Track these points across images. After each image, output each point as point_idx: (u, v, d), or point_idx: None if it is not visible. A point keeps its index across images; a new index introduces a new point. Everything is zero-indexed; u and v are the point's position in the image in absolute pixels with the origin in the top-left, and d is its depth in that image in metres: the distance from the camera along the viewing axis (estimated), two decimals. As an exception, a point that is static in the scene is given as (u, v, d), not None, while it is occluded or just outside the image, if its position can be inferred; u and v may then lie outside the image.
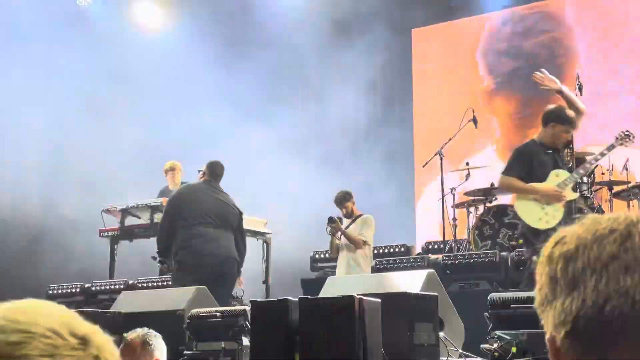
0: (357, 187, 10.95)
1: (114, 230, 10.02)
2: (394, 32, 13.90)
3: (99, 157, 12.97)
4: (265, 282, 10.18)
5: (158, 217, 9.88)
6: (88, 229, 13.02)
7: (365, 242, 9.50)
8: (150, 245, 10.79)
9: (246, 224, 10.09)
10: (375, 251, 10.07)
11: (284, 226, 11.77)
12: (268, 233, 10.39)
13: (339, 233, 9.59)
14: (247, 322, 6.70)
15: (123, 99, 13.44)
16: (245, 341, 6.63)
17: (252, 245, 10.65)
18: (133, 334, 4.83)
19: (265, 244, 10.34)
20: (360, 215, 9.75)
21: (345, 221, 9.82)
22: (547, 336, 1.14)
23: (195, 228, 8.25)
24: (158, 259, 8.42)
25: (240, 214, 8.79)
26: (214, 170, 8.68)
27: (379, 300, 5.86)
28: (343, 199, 9.78)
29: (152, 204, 9.81)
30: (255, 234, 10.27)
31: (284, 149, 12.44)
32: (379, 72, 13.88)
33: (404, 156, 13.62)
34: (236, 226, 8.56)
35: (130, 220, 10.04)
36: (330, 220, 9.57)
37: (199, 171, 8.83)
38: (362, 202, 10.31)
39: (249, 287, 10.08)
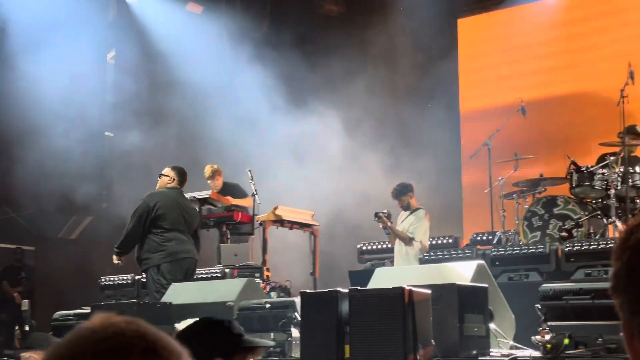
0: (404, 178, 10.92)
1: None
2: (441, 22, 13.81)
3: (150, 152, 13.12)
4: (313, 273, 10.21)
5: (206, 209, 9.96)
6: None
7: (412, 239, 9.49)
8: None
9: (293, 216, 10.15)
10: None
11: (330, 218, 11.79)
12: (315, 225, 10.41)
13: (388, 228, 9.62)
14: (295, 314, 6.73)
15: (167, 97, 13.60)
16: (294, 332, 6.66)
17: (300, 238, 10.69)
18: (185, 325, 4.86)
19: (312, 236, 10.36)
20: (417, 209, 9.74)
21: (403, 214, 9.82)
22: (622, 321, 1.13)
23: (171, 233, 8.43)
24: (116, 251, 8.54)
25: (201, 216, 9.19)
26: (183, 177, 8.80)
27: (429, 291, 5.85)
28: (399, 192, 9.77)
29: (199, 197, 9.88)
30: (302, 226, 10.29)
31: (332, 140, 12.44)
32: (424, 62, 13.81)
33: (451, 147, 13.53)
34: (195, 229, 8.80)
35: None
36: (376, 215, 9.61)
37: (162, 175, 8.78)
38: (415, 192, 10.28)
39: (296, 278, 10.12)
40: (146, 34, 14.07)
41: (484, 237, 10.37)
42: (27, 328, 8.17)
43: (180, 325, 4.85)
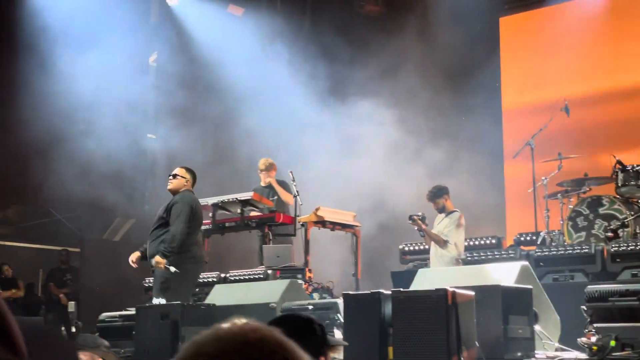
0: (445, 179, 10.86)
1: (206, 224, 10.16)
2: (482, 21, 13.72)
3: (191, 154, 13.20)
4: (355, 274, 10.19)
5: (248, 210, 10.00)
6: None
7: (446, 242, 9.44)
8: (241, 237, 10.96)
9: (335, 217, 10.14)
10: (466, 243, 9.97)
11: (372, 219, 11.77)
12: (357, 226, 10.39)
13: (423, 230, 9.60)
14: (338, 315, 6.73)
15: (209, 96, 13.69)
16: (337, 334, 6.66)
17: (342, 238, 10.68)
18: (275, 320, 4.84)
19: (354, 237, 10.35)
20: (452, 212, 9.69)
21: (439, 216, 9.78)
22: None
23: (196, 235, 8.40)
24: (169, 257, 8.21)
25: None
26: (195, 178, 8.74)
27: (473, 292, 5.82)
28: (434, 195, 9.73)
29: (242, 198, 9.92)
30: (344, 227, 10.28)
31: (374, 140, 12.42)
32: (466, 61, 13.72)
33: (493, 146, 13.43)
34: None
35: (221, 215, 10.18)
36: (410, 218, 9.57)
37: (176, 176, 8.63)
38: (454, 194, 10.21)
39: (338, 279, 10.12)
40: (187, 37, 14.19)
41: (528, 238, 10.27)
42: (73, 329, 8.25)
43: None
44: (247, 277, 8.94)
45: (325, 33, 13.62)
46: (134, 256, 8.52)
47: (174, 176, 8.57)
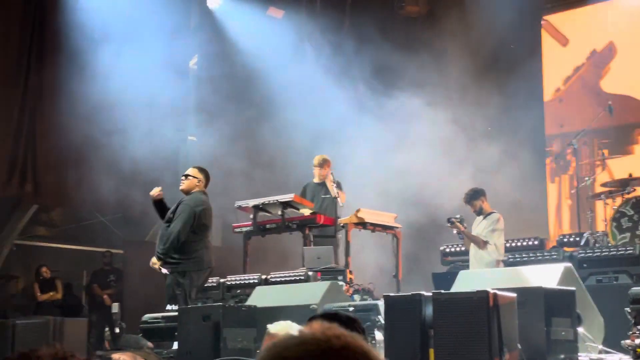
0: (486, 180, 10.79)
1: (247, 226, 10.22)
2: (524, 20, 13.62)
3: (231, 157, 13.28)
4: (396, 276, 10.17)
5: (289, 212, 10.02)
6: (222, 224, 13.40)
7: (486, 243, 9.37)
8: (282, 239, 11.00)
9: (376, 219, 10.13)
10: (508, 245, 9.90)
11: (414, 220, 11.73)
12: (398, 227, 10.37)
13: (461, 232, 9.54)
14: (379, 317, 6.72)
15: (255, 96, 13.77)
16: (378, 335, 6.65)
17: (383, 240, 10.67)
18: (277, 326, 4.89)
19: (395, 238, 10.32)
20: (490, 213, 9.63)
21: (478, 219, 9.72)
22: None
23: (205, 239, 8.36)
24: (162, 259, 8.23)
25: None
26: (208, 179, 8.67)
27: (515, 294, 5.77)
28: (471, 197, 9.67)
29: (282, 200, 9.94)
30: (384, 228, 10.26)
31: (415, 141, 12.38)
32: (508, 60, 13.62)
33: (535, 146, 13.30)
34: None
35: (261, 216, 10.22)
36: (448, 220, 9.52)
37: (188, 176, 8.59)
38: (492, 196, 10.15)
39: (379, 281, 10.11)
40: (228, 40, 14.27)
41: (571, 239, 10.16)
42: (117, 330, 8.35)
43: (273, 327, 4.86)
44: (288, 279, 8.96)
45: (365, 33, 13.60)
46: (153, 261, 8.48)
47: (186, 176, 8.54)
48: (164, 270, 8.10)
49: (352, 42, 13.83)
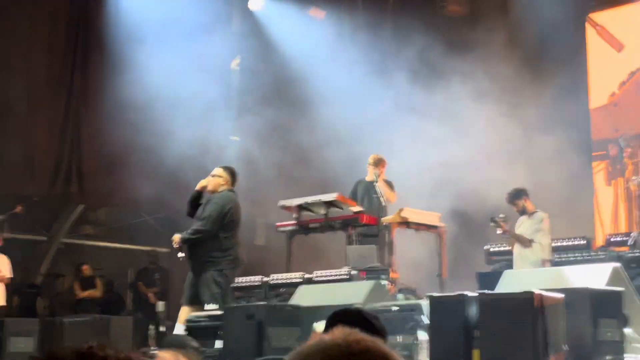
0: (532, 178, 10.69)
1: (291, 225, 10.24)
2: (569, 18, 13.45)
3: (274, 157, 13.34)
4: (440, 275, 10.11)
5: (332, 212, 10.02)
6: (266, 223, 13.45)
7: (531, 241, 9.27)
8: (325, 238, 11.01)
9: (419, 218, 10.09)
10: (554, 244, 9.79)
11: (457, 219, 11.66)
12: (442, 227, 10.31)
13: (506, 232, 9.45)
14: (423, 317, 6.70)
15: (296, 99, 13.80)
16: (422, 335, 6.62)
17: (426, 239, 10.62)
18: (322, 325, 4.88)
19: (439, 238, 10.27)
20: (535, 212, 9.53)
21: (522, 218, 9.63)
22: None
23: (235, 237, 8.50)
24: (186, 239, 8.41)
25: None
26: (235, 178, 8.71)
27: (561, 295, 5.71)
28: (514, 196, 9.59)
29: (326, 200, 9.95)
30: (428, 227, 10.21)
31: (460, 140, 12.31)
32: (552, 58, 13.46)
33: (581, 145, 13.14)
34: None
35: (305, 216, 10.23)
36: (492, 220, 9.43)
37: (214, 176, 8.65)
38: (540, 195, 10.05)
39: (423, 280, 10.06)
40: (270, 41, 14.32)
41: (619, 239, 10.00)
42: (162, 329, 8.43)
43: (320, 325, 4.86)
44: (331, 278, 8.96)
45: (407, 33, 13.54)
46: (175, 238, 8.61)
47: (212, 176, 8.65)
48: (181, 254, 8.27)
49: (394, 41, 13.79)
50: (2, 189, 12.69)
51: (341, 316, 3.05)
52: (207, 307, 8.15)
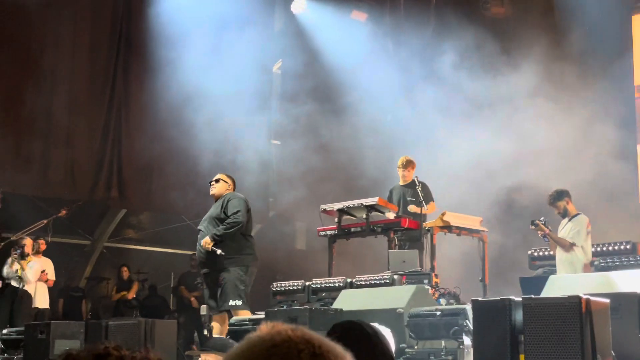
0: (578, 182, 10.57)
1: (332, 229, 10.25)
2: (612, 19, 13.29)
3: (315, 160, 13.35)
4: (482, 280, 10.05)
5: (373, 215, 10.01)
6: (307, 228, 13.47)
7: (572, 245, 9.15)
8: (366, 242, 10.99)
9: (461, 222, 10.03)
10: (599, 249, 9.66)
11: (500, 223, 11.58)
12: (484, 231, 10.25)
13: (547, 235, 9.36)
14: (467, 321, 6.65)
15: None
16: (466, 340, 6.58)
17: (469, 244, 10.56)
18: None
19: (481, 242, 10.21)
20: (576, 215, 9.42)
21: (563, 222, 9.52)
22: None
23: (251, 237, 8.75)
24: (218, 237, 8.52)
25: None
26: (235, 184, 9.03)
27: (608, 300, 5.64)
28: (554, 198, 9.48)
29: (367, 204, 9.94)
30: (470, 232, 10.16)
31: (502, 144, 12.22)
32: (597, 61, 13.29)
33: (624, 150, 12.95)
34: None
35: (346, 220, 10.23)
36: (532, 223, 9.33)
37: (219, 180, 8.87)
38: (583, 198, 9.94)
39: (466, 285, 10.00)
40: (312, 44, 14.36)
41: (666, 242, 9.86)
42: (205, 332, 8.48)
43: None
44: (373, 282, 8.94)
45: (450, 35, 13.49)
46: (206, 241, 8.71)
47: (217, 181, 8.83)
48: (219, 251, 8.37)
49: (436, 43, 13.73)
50: (46, 193, 12.87)
51: (340, 329, 3.03)
52: (231, 303, 8.25)
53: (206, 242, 8.50)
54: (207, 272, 8.66)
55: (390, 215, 9.92)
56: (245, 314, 8.21)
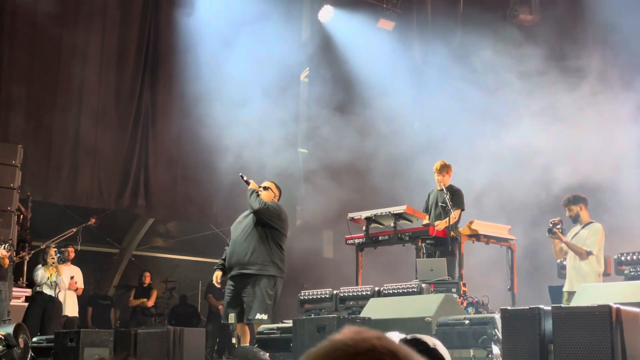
0: (603, 191, 10.49)
1: (359, 238, 10.24)
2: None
3: (342, 169, 13.35)
4: (511, 289, 9.99)
5: (401, 224, 9.99)
6: (335, 236, 13.45)
7: (589, 253, 9.04)
8: (393, 251, 10.97)
9: (489, 231, 9.99)
10: (629, 257, 9.55)
11: (527, 231, 11.51)
12: (512, 239, 10.19)
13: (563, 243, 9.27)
14: (495, 330, 6.62)
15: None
16: (495, 349, 6.55)
17: (497, 252, 10.51)
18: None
19: (509, 251, 10.15)
20: (590, 223, 9.30)
21: (574, 229, 9.40)
22: None
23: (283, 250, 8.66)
24: (245, 178, 8.67)
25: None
26: (281, 194, 8.99)
27: (638, 310, 5.60)
28: (570, 201, 9.36)
29: (395, 212, 9.92)
30: (498, 240, 10.11)
31: (531, 153, 12.16)
32: (627, 71, 13.15)
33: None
34: None
35: (374, 228, 10.22)
36: (549, 231, 9.19)
37: (267, 188, 8.84)
38: (609, 204, 9.84)
39: (494, 294, 9.95)
40: (339, 52, 14.39)
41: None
42: (233, 340, 8.50)
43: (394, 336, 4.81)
44: (401, 291, 8.92)
45: (477, 43, 13.45)
46: (217, 277, 8.70)
47: (264, 188, 8.76)
48: (245, 177, 8.64)
49: (464, 51, 13.70)
50: (74, 201, 12.98)
51: (407, 344, 3.01)
52: (258, 316, 8.21)
53: (252, 186, 8.55)
54: (236, 274, 8.55)
55: (425, 221, 9.90)
56: None
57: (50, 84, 12.49)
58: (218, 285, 8.86)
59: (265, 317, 8.16)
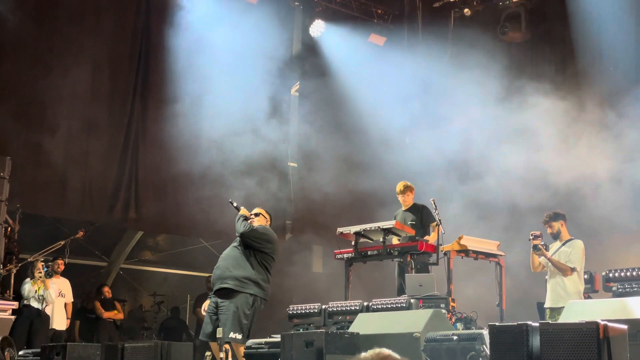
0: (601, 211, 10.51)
1: (349, 252, 10.25)
2: (631, 29, 13.24)
3: (334, 182, 13.35)
4: (500, 305, 9.99)
5: (390, 239, 10.01)
6: (324, 251, 13.44)
7: (573, 270, 9.02)
8: (382, 265, 10.97)
9: (478, 246, 10.00)
10: (617, 274, 9.56)
11: (516, 247, 11.53)
12: (501, 255, 10.21)
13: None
14: (484, 346, 6.62)
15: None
16: (483, 365, 6.55)
17: (486, 268, 10.52)
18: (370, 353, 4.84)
19: (498, 267, 10.17)
20: (570, 240, 9.30)
21: (556, 243, 9.38)
22: None
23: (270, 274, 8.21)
24: (235, 204, 8.42)
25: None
26: (271, 221, 8.63)
27: (625, 326, 5.61)
28: (551, 218, 9.36)
29: (384, 227, 9.93)
30: (487, 256, 10.13)
31: (529, 168, 12.19)
32: (617, 86, 13.22)
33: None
34: None
35: (363, 243, 10.23)
36: (535, 248, 9.14)
37: (259, 215, 8.50)
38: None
39: (482, 310, 9.95)
40: (330, 67, 14.43)
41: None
42: (221, 355, 8.46)
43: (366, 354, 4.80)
44: (390, 306, 8.92)
45: (468, 60, 13.51)
46: (206, 305, 8.13)
47: (256, 215, 8.51)
48: (235, 203, 8.29)
49: (453, 67, 13.77)
50: (63, 214, 12.93)
51: None
52: (232, 335, 7.72)
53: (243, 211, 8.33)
54: (217, 289, 8.01)
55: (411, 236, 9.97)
56: (240, 350, 7.71)
57: (39, 95, 12.46)
58: (204, 314, 8.34)
59: (239, 336, 7.58)
